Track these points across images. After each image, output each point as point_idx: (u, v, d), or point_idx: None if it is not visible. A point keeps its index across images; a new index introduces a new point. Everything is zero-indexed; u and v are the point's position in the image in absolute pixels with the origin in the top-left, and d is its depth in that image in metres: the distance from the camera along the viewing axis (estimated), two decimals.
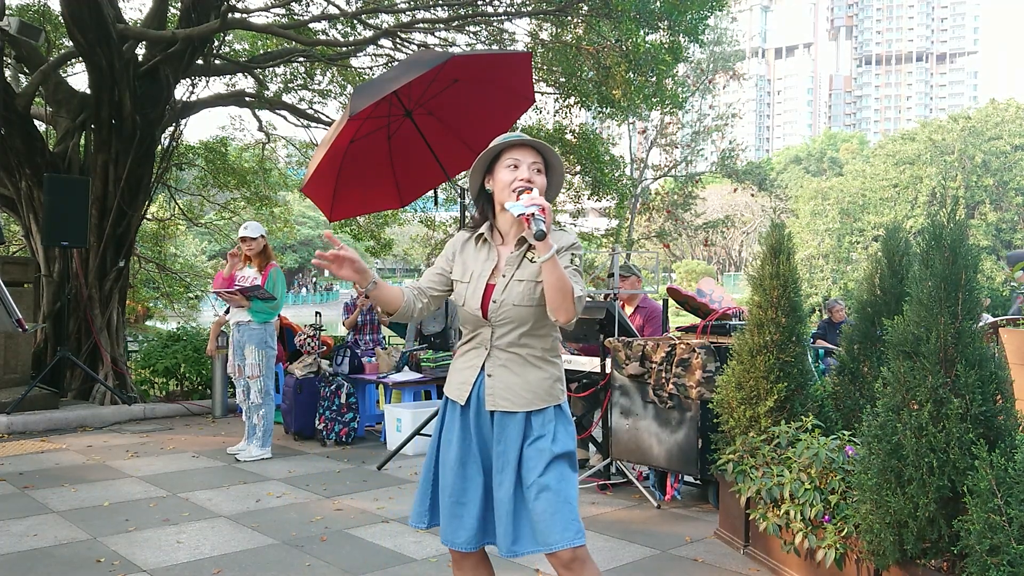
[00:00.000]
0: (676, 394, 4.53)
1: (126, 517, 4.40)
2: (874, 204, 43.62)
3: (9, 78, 8.72)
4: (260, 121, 12.85)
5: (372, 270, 2.28)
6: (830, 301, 10.48)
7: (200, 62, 9.14)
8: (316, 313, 7.73)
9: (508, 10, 9.71)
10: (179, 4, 9.48)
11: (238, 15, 9.17)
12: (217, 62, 10.05)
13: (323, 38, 10.33)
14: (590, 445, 5.74)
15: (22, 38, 7.90)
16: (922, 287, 2.85)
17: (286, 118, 11.80)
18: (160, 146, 9.41)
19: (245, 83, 11.96)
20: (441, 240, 16.34)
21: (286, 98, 11.81)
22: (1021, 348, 3.52)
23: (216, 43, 9.88)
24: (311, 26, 10.02)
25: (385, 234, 14.79)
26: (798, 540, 3.29)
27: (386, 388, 7.10)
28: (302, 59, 10.70)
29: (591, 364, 5.36)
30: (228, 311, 6.48)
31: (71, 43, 8.36)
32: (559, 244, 2.24)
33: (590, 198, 13.87)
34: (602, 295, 5.69)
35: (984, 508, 2.47)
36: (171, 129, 9.61)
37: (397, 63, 8.38)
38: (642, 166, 31.05)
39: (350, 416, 6.68)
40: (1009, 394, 2.80)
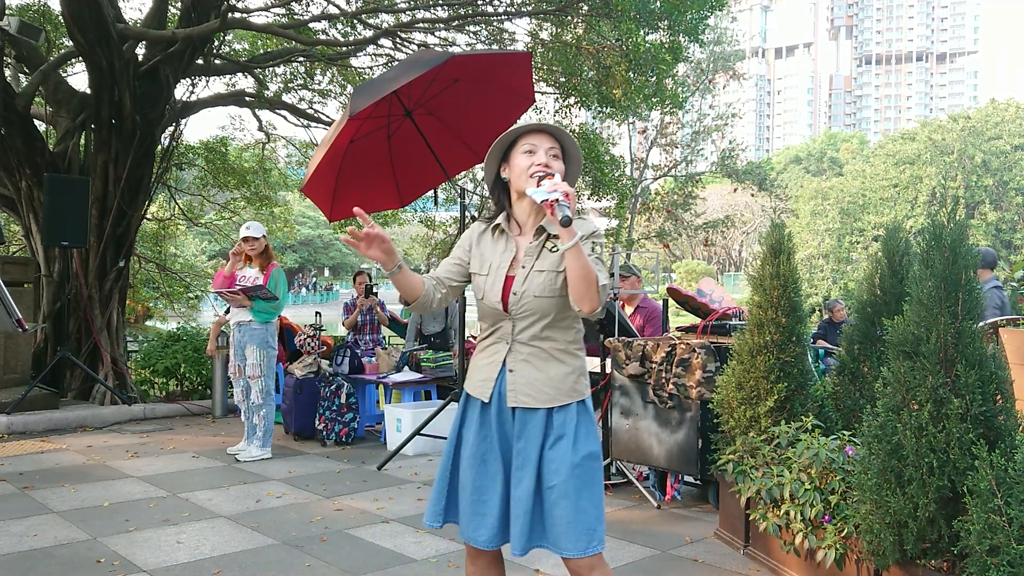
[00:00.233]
0: (676, 394, 4.53)
1: (126, 517, 4.40)
2: (874, 204, 43.65)
3: (9, 78, 8.72)
4: (260, 121, 12.85)
5: (399, 253, 2.22)
6: (830, 301, 10.48)
7: (200, 62, 9.15)
8: (316, 313, 7.73)
9: (508, 10, 9.71)
10: (179, 4, 9.48)
11: (238, 15, 9.17)
12: (217, 62, 10.05)
13: (323, 38, 10.33)
14: None
15: (22, 38, 7.90)
16: (922, 287, 2.85)
17: (286, 118, 11.80)
18: (160, 146, 9.41)
19: (245, 83, 11.97)
20: (441, 240, 16.35)
21: (286, 98, 11.81)
22: (1021, 348, 3.52)
23: (216, 43, 9.88)
24: (311, 26, 10.01)
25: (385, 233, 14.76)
26: (798, 540, 3.29)
27: (386, 388, 7.10)
28: (302, 59, 10.70)
29: (591, 364, 5.36)
30: (228, 311, 6.48)
31: (71, 43, 8.36)
32: (580, 232, 2.17)
33: (590, 198, 13.86)
34: None
35: (984, 508, 2.47)
36: (171, 129, 9.61)
37: (397, 63, 8.37)
38: (642, 166, 31.05)
39: (350, 416, 6.68)
40: (1009, 394, 2.80)
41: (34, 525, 4.23)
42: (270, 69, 11.32)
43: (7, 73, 8.63)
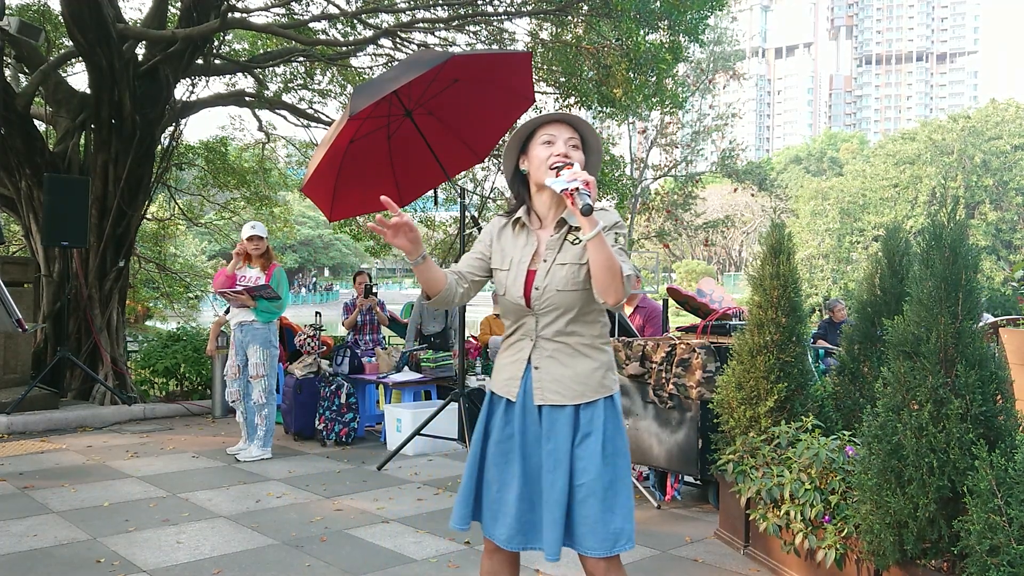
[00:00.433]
0: (676, 394, 4.53)
1: (126, 517, 4.40)
2: (874, 204, 43.66)
3: (9, 78, 8.72)
4: (260, 121, 12.85)
5: (424, 244, 2.17)
6: (830, 301, 10.47)
7: (200, 62, 9.15)
8: (316, 313, 7.73)
9: (508, 10, 9.71)
10: (179, 4, 9.48)
11: (238, 15, 9.17)
12: (217, 62, 10.05)
13: (323, 38, 10.33)
14: None
15: (22, 38, 7.89)
16: (922, 287, 2.85)
17: (286, 118, 11.80)
18: (160, 146, 9.41)
19: (245, 83, 11.97)
20: (441, 240, 16.34)
21: (286, 98, 11.81)
22: (1021, 348, 3.52)
23: (216, 43, 9.89)
24: (311, 26, 10.01)
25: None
26: (798, 540, 3.29)
27: (386, 388, 7.10)
28: (302, 59, 10.70)
29: None
30: (227, 311, 6.47)
31: (71, 43, 8.35)
32: (603, 223, 2.12)
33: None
34: None
35: (984, 508, 2.47)
36: (171, 129, 9.61)
37: (397, 63, 8.37)
38: (642, 166, 31.04)
39: (350, 416, 6.68)
40: (1009, 394, 2.80)
41: (34, 525, 4.23)
42: (270, 69, 11.32)
43: (7, 73, 8.63)
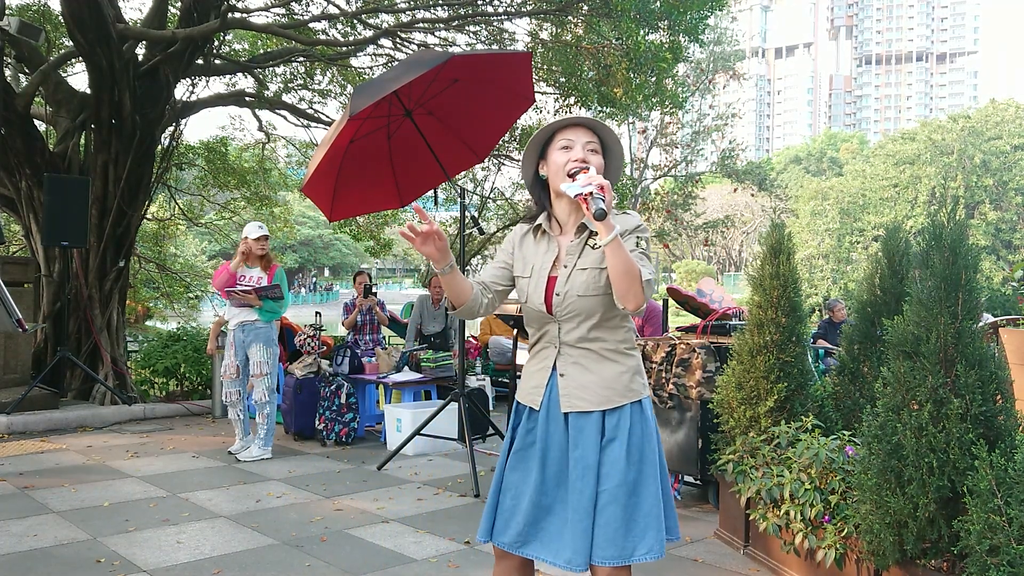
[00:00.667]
0: (676, 394, 4.53)
1: (126, 517, 4.40)
2: (874, 204, 43.65)
3: (9, 78, 8.71)
4: (260, 121, 12.85)
5: (452, 254, 2.16)
6: (830, 301, 10.47)
7: (200, 62, 9.14)
8: (316, 313, 7.73)
9: (508, 10, 9.70)
10: (179, 4, 9.48)
11: (238, 15, 9.17)
12: (217, 62, 10.05)
13: (323, 38, 10.33)
14: None
15: (22, 38, 7.89)
16: (922, 287, 2.85)
17: (286, 118, 11.80)
18: (160, 146, 9.41)
19: (245, 83, 11.97)
20: None
21: (286, 98, 11.81)
22: (1021, 348, 3.52)
23: (216, 43, 9.88)
24: (311, 26, 10.01)
25: (385, 234, 14.79)
26: (798, 540, 3.29)
27: (386, 388, 7.10)
28: (302, 59, 10.70)
29: None
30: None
31: (71, 43, 8.35)
32: (623, 226, 2.11)
33: None
34: None
35: (984, 508, 2.47)
36: (171, 129, 9.61)
37: (397, 63, 8.37)
38: (642, 166, 31.04)
39: (350, 416, 6.68)
40: (1009, 394, 2.80)
41: (34, 525, 4.23)
42: (270, 69, 11.32)
43: (7, 73, 8.62)
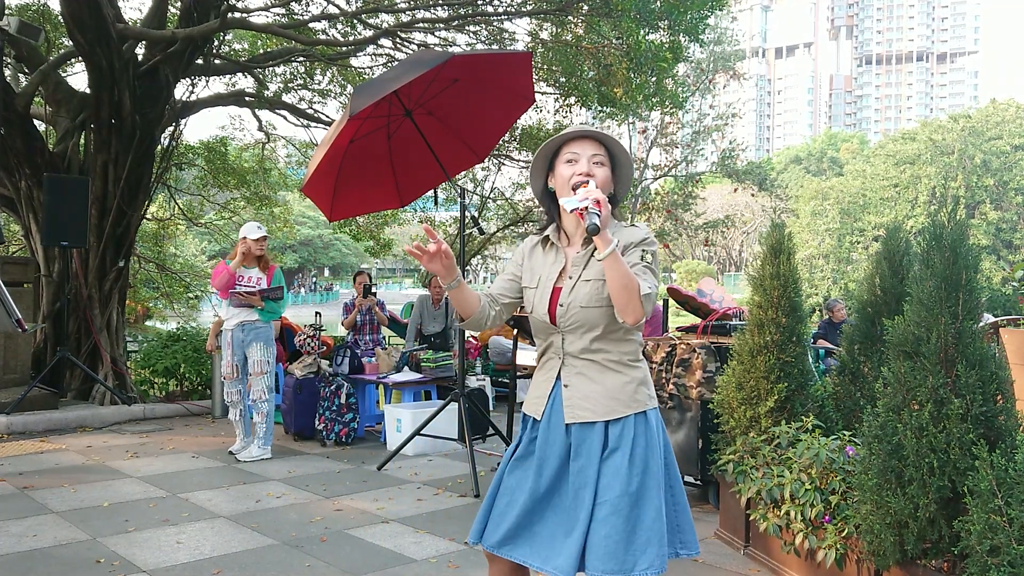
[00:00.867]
0: (676, 394, 4.53)
1: (126, 517, 4.39)
2: (874, 204, 43.66)
3: (9, 78, 8.71)
4: (260, 121, 12.85)
5: (459, 270, 2.21)
6: (830, 301, 10.47)
7: (200, 62, 9.14)
8: (316, 313, 7.73)
9: (508, 10, 9.70)
10: (179, 4, 9.47)
11: (238, 15, 9.16)
12: (217, 62, 10.05)
13: (323, 38, 10.32)
14: None
15: (22, 38, 7.88)
16: (922, 287, 2.85)
17: (286, 118, 11.80)
18: (160, 146, 9.41)
19: (245, 83, 11.97)
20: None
21: (286, 98, 11.81)
22: (1021, 348, 3.52)
23: (216, 43, 9.88)
24: (311, 26, 10.01)
25: (385, 234, 14.79)
26: (798, 540, 3.28)
27: (386, 388, 7.10)
28: (302, 59, 10.70)
29: None
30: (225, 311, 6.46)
31: (71, 43, 8.35)
32: (629, 239, 2.13)
33: None
34: None
35: (984, 509, 2.47)
36: (171, 129, 9.60)
37: (397, 63, 8.37)
38: (642, 166, 31.02)
39: (350, 416, 6.68)
40: (1009, 394, 2.79)
41: (34, 525, 4.23)
42: (270, 69, 11.32)
43: (7, 73, 8.62)
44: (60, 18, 8.80)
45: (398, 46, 10.36)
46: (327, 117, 11.75)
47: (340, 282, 57.24)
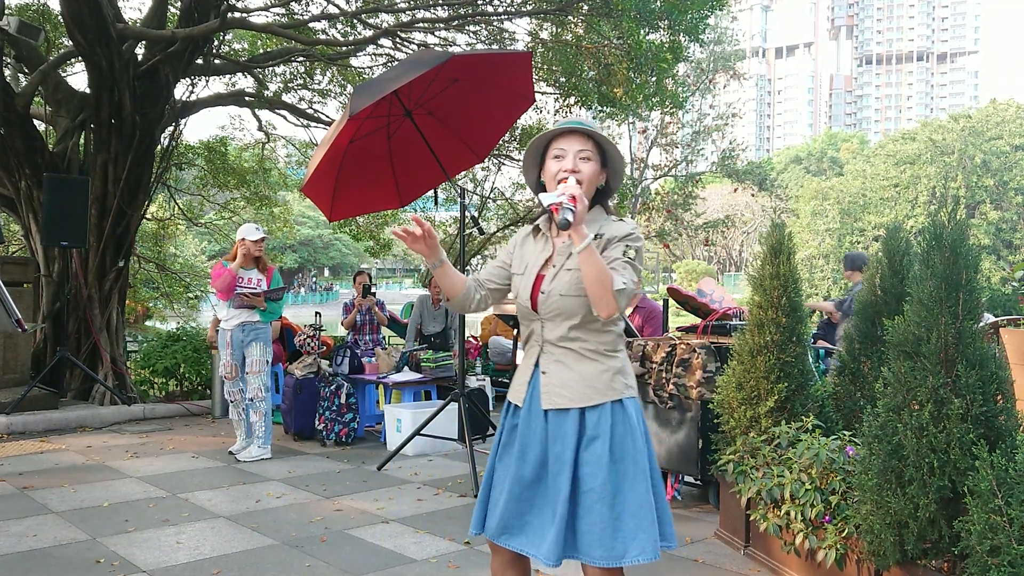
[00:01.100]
0: (676, 394, 4.53)
1: (126, 517, 4.39)
2: (874, 204, 43.68)
3: (9, 78, 8.71)
4: (260, 121, 12.85)
5: (443, 251, 2.30)
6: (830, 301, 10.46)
7: (200, 62, 9.14)
8: (316, 313, 7.73)
9: (508, 10, 9.70)
10: (179, 4, 9.47)
11: (238, 15, 9.16)
12: (217, 62, 10.05)
13: (323, 38, 10.32)
14: None
15: (22, 38, 7.89)
16: (923, 287, 2.84)
17: (286, 118, 11.79)
18: (160, 146, 9.41)
19: (245, 83, 11.96)
20: (440, 240, 16.38)
21: (286, 98, 11.81)
22: (1021, 348, 3.52)
23: (216, 43, 9.88)
24: (311, 26, 10.01)
25: (385, 234, 14.78)
26: (799, 540, 3.28)
27: (386, 388, 7.10)
28: (302, 59, 10.69)
29: None
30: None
31: (71, 43, 8.35)
32: (614, 233, 2.18)
33: None
34: None
35: (985, 509, 2.46)
36: (171, 129, 9.60)
37: (397, 63, 8.37)
38: (642, 166, 31.04)
39: (350, 416, 6.68)
40: (1010, 394, 2.79)
41: (34, 525, 4.23)
42: (270, 69, 11.31)
43: (7, 73, 8.62)
44: (60, 18, 8.80)
45: (398, 46, 10.36)
46: (327, 117, 11.75)
47: (340, 282, 57.25)
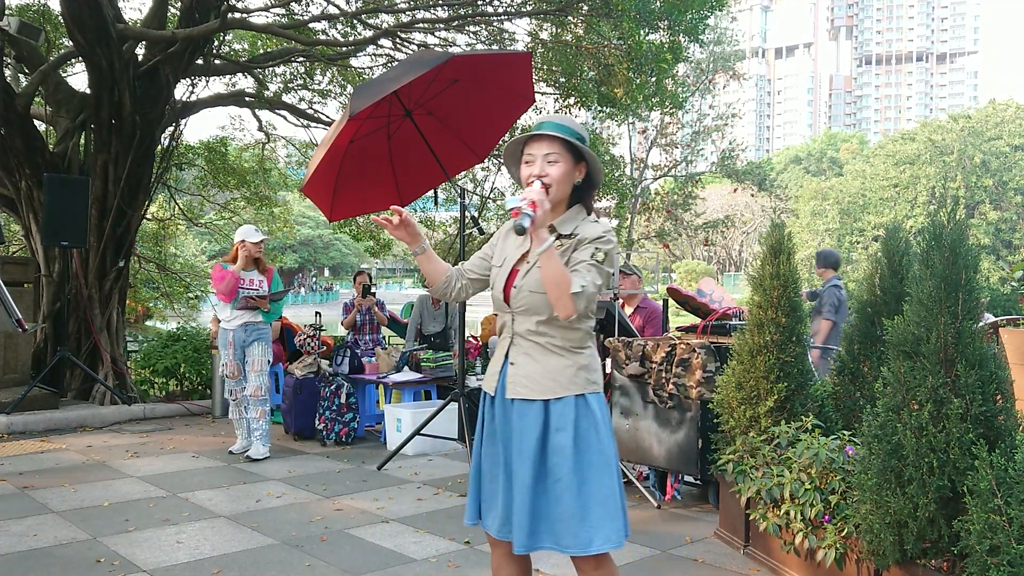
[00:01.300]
0: (676, 394, 4.53)
1: (126, 517, 4.40)
2: (874, 204, 43.69)
3: (9, 78, 8.71)
4: (260, 121, 12.84)
5: (425, 238, 2.39)
6: None
7: (200, 62, 9.14)
8: (316, 313, 7.73)
9: (508, 10, 9.70)
10: (179, 4, 9.47)
11: (238, 15, 9.17)
12: (217, 62, 10.05)
13: (323, 38, 10.32)
14: None
15: (22, 38, 7.89)
16: (922, 287, 2.85)
17: (286, 118, 11.79)
18: (160, 146, 9.41)
19: (245, 83, 11.96)
20: (441, 240, 16.34)
21: (286, 98, 11.80)
22: (1021, 348, 3.52)
23: (216, 43, 9.88)
24: (311, 26, 10.01)
25: (385, 234, 14.77)
26: (798, 540, 3.29)
27: (386, 388, 7.10)
28: (302, 59, 10.69)
29: None
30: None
31: (71, 43, 8.35)
32: (585, 235, 2.24)
33: None
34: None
35: (984, 508, 2.47)
36: (171, 129, 9.60)
37: (397, 63, 8.37)
38: (642, 166, 31.04)
39: (350, 416, 6.68)
40: (1009, 394, 2.80)
41: (34, 525, 4.23)
42: (270, 69, 11.31)
43: (7, 73, 8.62)
44: (60, 18, 8.80)
45: (398, 46, 10.36)
46: (327, 117, 11.75)
47: (340, 282, 57.24)
